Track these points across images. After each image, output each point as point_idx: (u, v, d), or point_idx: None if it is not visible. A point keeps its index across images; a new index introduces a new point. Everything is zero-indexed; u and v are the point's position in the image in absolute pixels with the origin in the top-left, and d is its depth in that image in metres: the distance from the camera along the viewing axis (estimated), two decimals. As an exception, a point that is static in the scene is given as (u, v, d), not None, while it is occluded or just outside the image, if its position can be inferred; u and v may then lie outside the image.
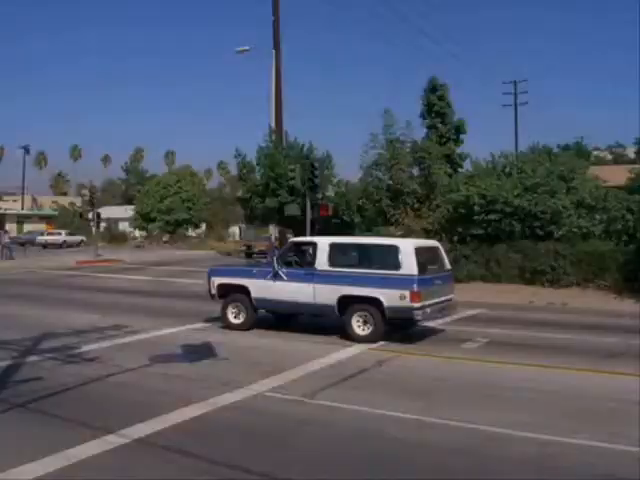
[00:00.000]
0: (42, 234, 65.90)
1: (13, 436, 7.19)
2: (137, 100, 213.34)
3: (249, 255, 40.56)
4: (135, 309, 18.02)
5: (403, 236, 28.22)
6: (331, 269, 13.50)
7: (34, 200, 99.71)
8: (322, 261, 13.62)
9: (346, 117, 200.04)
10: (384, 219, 29.84)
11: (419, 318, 13.01)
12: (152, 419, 7.61)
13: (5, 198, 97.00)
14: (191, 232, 75.29)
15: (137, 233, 75.41)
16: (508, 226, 23.98)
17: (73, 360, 11.06)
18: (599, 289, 21.93)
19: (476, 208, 24.23)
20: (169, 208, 72.46)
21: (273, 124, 31.90)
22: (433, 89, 37.04)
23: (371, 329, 13.05)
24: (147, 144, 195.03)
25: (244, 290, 14.48)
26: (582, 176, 26.67)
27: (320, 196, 26.76)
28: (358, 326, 13.20)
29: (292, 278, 13.89)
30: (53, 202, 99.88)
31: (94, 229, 52.99)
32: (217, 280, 15.05)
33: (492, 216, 24.02)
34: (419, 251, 13.20)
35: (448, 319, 15.30)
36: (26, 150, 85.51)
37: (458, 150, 37.25)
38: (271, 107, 33.22)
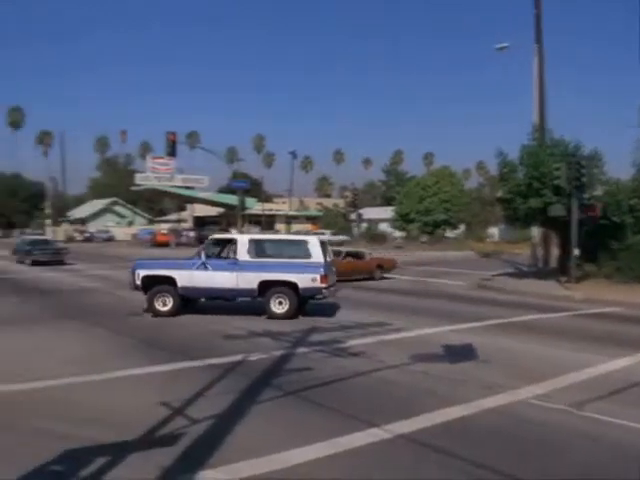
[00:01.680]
0: (307, 234, 70.02)
1: (285, 421, 7.69)
2: (396, 104, 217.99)
3: None
4: (395, 307, 18.42)
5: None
6: (252, 260, 15.90)
7: (301, 202, 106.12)
8: (243, 253, 15.89)
9: (616, 114, 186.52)
10: (660, 220, 27.36)
11: (327, 295, 16.27)
12: (415, 417, 7.69)
13: (275, 200, 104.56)
14: (449, 233, 75.24)
15: (396, 234, 77.01)
16: None
17: (339, 354, 11.58)
18: None
19: None
20: (428, 209, 73.10)
21: (536, 121, 30.79)
22: None
23: (287, 307, 15.75)
24: (406, 146, 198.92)
25: (170, 280, 16.02)
26: None
27: (587, 196, 25.25)
28: (275, 306, 15.83)
29: (217, 268, 15.93)
30: (317, 203, 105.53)
31: (355, 229, 55.18)
32: (142, 272, 16.35)
33: None
34: (322, 244, 16.36)
35: None
36: (294, 155, 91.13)
37: None
38: (533, 104, 32.09)
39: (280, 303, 15.81)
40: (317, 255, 15.92)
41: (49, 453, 6.27)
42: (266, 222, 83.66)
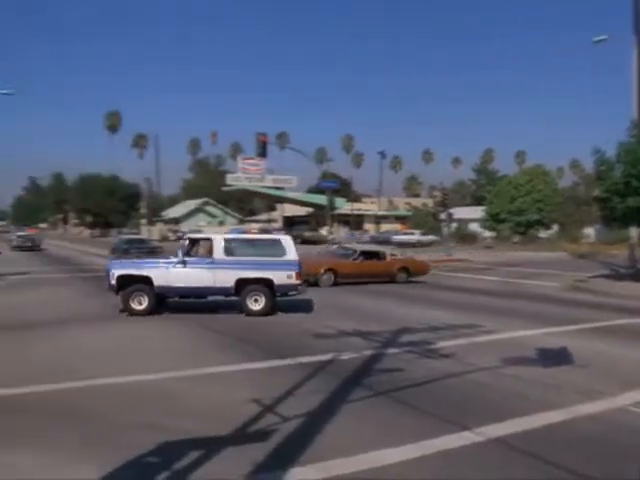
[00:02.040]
0: (397, 233, 69.69)
1: (376, 421, 7.67)
2: (490, 105, 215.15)
3: None
4: (486, 309, 18.12)
5: None
6: (228, 258, 16.19)
7: (390, 201, 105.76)
8: (219, 252, 16.14)
9: None
10: None
11: (301, 291, 17.06)
12: (508, 420, 7.56)
13: (364, 200, 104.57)
14: (542, 233, 73.31)
15: (486, 234, 75.66)
16: None
17: (430, 355, 11.46)
18: None
19: None
20: (520, 209, 71.48)
21: (635, 117, 29.64)
22: None
23: (263, 304, 16.19)
24: (497, 145, 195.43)
25: (146, 280, 16.03)
26: None
27: (691, 194, 24.09)
28: (251, 303, 16.23)
29: (194, 267, 16.11)
30: (406, 203, 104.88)
31: (445, 229, 54.58)
32: (117, 272, 16.27)
33: None
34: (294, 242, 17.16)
35: None
36: (382, 155, 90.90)
37: None
38: (633, 99, 30.90)
39: (256, 300, 16.25)
40: (292, 253, 16.53)
41: (144, 445, 6.49)
42: (355, 222, 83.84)
